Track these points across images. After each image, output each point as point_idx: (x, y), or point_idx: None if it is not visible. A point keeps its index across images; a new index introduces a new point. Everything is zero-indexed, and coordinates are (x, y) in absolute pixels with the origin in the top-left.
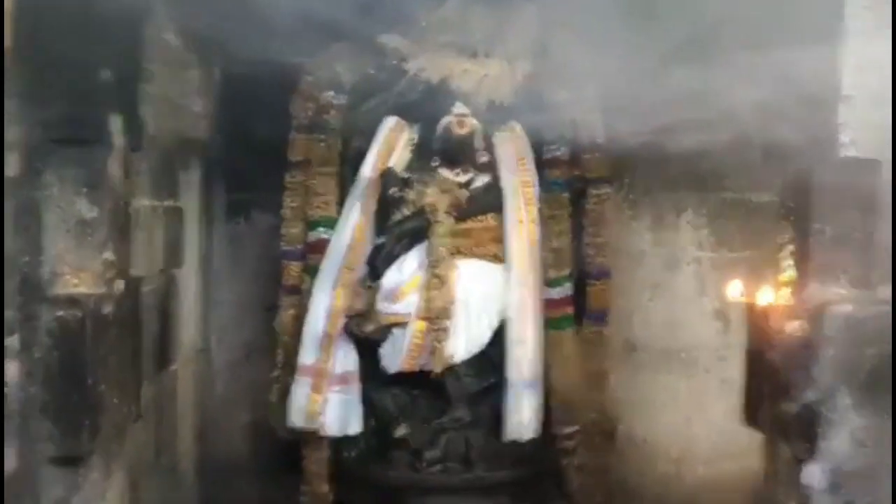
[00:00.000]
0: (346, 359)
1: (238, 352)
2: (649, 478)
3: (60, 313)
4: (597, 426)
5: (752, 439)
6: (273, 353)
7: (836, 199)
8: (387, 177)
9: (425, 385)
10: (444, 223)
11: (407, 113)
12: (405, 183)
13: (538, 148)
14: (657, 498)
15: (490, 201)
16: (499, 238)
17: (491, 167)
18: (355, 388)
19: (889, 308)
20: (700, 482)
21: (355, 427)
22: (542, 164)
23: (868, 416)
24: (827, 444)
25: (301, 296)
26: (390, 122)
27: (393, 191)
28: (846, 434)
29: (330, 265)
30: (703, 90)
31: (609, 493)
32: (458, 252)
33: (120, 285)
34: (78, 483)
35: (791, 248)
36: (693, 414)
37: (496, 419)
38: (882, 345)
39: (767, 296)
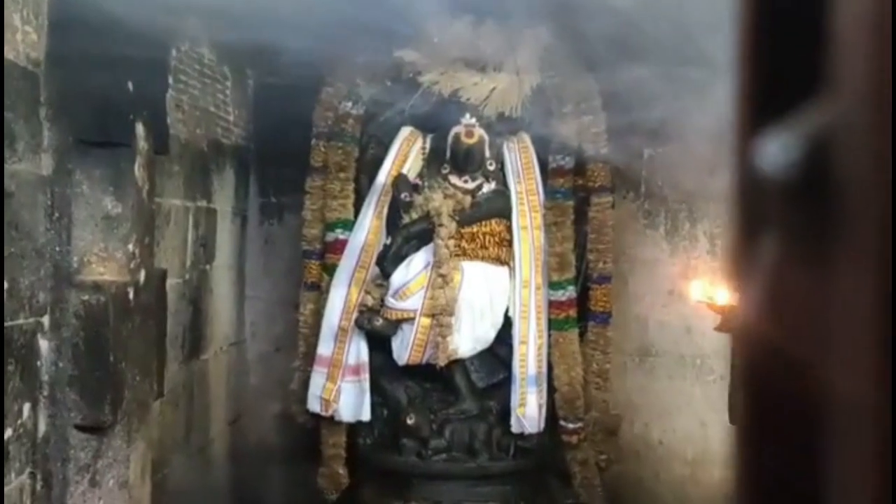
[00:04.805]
0: (358, 351)
1: (269, 345)
2: (665, 480)
3: (86, 297)
4: (600, 423)
5: None
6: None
7: None
8: (399, 182)
9: (437, 379)
10: (447, 226)
11: (420, 123)
12: (415, 188)
13: (544, 157)
14: (673, 499)
15: (497, 207)
16: (504, 242)
17: (498, 175)
18: (366, 379)
19: None
20: (715, 484)
21: (366, 414)
22: (547, 173)
23: None
24: None
25: (320, 292)
26: (405, 131)
27: (404, 195)
28: None
29: (346, 264)
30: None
31: (610, 488)
32: (464, 254)
33: (142, 275)
34: (102, 449)
35: None
36: (707, 417)
37: (503, 413)
38: None
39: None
